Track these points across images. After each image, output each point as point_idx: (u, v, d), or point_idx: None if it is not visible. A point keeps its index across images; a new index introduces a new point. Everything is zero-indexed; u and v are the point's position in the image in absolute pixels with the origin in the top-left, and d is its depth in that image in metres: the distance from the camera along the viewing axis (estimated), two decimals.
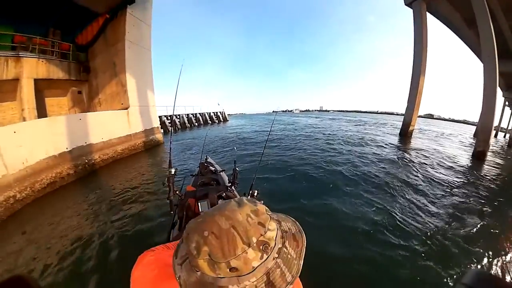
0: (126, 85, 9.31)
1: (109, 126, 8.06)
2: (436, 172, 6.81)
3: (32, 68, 7.81)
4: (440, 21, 17.02)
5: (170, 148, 2.41)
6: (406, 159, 8.27)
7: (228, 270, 0.36)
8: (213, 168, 3.23)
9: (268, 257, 0.39)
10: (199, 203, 1.89)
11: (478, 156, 9.38)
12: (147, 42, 10.88)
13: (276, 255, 0.40)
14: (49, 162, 5.47)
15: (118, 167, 7.33)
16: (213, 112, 26.72)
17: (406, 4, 14.21)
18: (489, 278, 0.49)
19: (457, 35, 18.50)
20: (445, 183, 5.81)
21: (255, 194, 2.01)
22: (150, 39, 11.14)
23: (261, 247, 0.38)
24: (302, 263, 0.43)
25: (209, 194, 2.05)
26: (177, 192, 2.09)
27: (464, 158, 9.44)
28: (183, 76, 2.65)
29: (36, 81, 7.92)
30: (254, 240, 0.38)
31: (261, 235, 0.38)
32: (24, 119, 7.28)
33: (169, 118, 17.96)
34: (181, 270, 0.41)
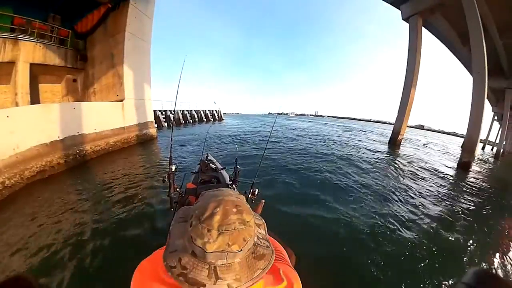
0: (122, 77, 9.26)
1: (102, 117, 7.98)
2: (421, 180, 7.11)
3: (29, 52, 7.68)
4: (435, 36, 17.65)
5: (171, 144, 2.39)
6: (393, 167, 8.56)
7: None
8: (213, 166, 3.24)
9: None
10: None
11: (463, 167, 9.86)
12: (147, 35, 10.85)
13: None
14: (40, 150, 5.39)
15: (110, 159, 7.25)
16: (208, 110, 26.71)
17: (403, 19, 14.65)
18: (490, 277, 0.50)
19: (450, 50, 19.30)
20: (429, 191, 6.06)
21: (256, 192, 2.00)
22: (151, 33, 11.13)
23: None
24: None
25: None
26: (178, 189, 2.09)
27: (449, 168, 9.86)
28: (179, 72, 2.65)
29: (32, 65, 7.78)
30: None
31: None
32: (16, 104, 7.15)
33: (163, 113, 17.86)
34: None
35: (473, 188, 6.93)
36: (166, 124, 17.58)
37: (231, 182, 2.46)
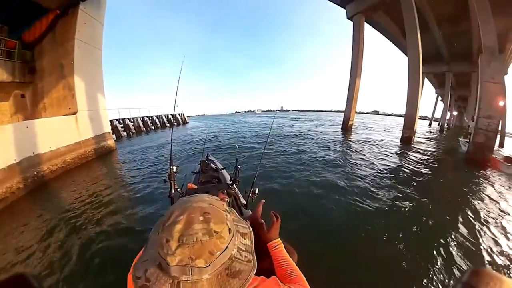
0: (74, 88, 9.16)
1: (56, 134, 7.91)
2: (367, 154, 9.13)
3: None
4: (379, 31, 20.38)
5: (171, 145, 2.52)
6: (344, 146, 10.89)
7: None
8: (214, 166, 3.40)
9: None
10: None
11: (405, 141, 12.45)
12: (98, 41, 10.78)
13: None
14: None
15: (69, 178, 7.21)
16: (171, 114, 26.45)
17: (348, 18, 16.77)
18: (489, 276, 0.49)
19: (393, 43, 22.47)
20: (373, 163, 7.84)
21: (256, 191, 2.06)
22: (102, 39, 11.05)
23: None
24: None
25: (210, 192, 2.09)
26: (178, 189, 2.14)
27: (393, 143, 12.36)
28: (139, 76, 2.63)
29: None
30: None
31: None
32: None
33: (121, 122, 17.57)
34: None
35: (413, 155, 9.30)
36: (125, 133, 17.39)
37: (231, 182, 2.51)
